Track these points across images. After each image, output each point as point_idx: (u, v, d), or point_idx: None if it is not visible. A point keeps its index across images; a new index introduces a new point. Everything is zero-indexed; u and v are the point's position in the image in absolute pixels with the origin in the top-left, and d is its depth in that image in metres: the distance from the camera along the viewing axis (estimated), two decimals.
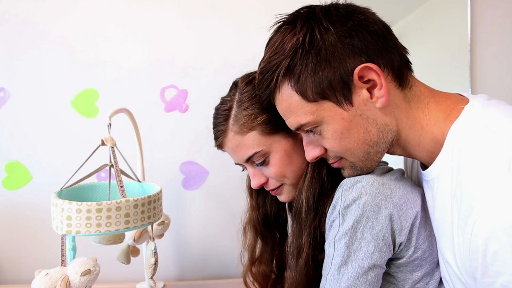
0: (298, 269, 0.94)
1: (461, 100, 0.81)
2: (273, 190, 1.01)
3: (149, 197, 0.90)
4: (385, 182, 0.83)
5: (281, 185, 1.00)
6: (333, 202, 0.85)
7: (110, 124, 0.97)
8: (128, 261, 1.12)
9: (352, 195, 0.81)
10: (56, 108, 1.49)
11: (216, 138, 1.02)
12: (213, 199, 1.53)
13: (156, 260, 0.94)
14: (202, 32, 1.51)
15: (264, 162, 0.97)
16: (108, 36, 1.49)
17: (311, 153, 0.88)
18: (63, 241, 0.86)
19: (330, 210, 0.85)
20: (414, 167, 1.00)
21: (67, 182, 0.97)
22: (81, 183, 1.02)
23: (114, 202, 0.85)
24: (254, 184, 1.00)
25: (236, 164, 1.04)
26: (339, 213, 0.82)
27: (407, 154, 0.87)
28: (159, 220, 1.08)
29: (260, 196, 1.13)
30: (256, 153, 0.95)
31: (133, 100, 1.49)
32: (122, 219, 0.86)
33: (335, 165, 0.88)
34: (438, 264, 0.87)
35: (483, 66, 1.59)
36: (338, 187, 0.85)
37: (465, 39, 1.57)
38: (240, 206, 1.21)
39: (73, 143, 1.48)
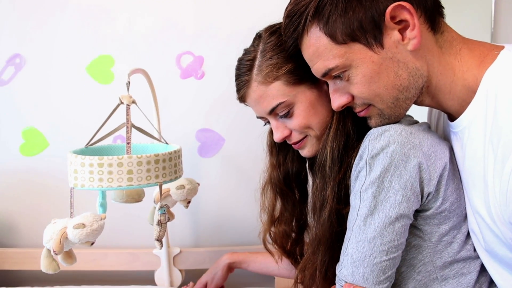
0: (321, 222, 0.91)
1: (495, 47, 0.78)
2: (296, 143, 0.98)
3: (156, 155, 0.87)
4: (413, 131, 0.79)
5: (305, 137, 0.97)
6: (360, 152, 0.82)
7: (129, 83, 0.95)
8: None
9: (379, 144, 0.78)
10: (72, 75, 1.48)
11: (238, 90, 1.00)
12: (229, 167, 1.50)
13: (160, 222, 0.91)
14: None
15: (288, 114, 0.94)
16: (124, 2, 1.46)
17: (338, 101, 0.84)
18: (71, 194, 0.87)
19: (356, 161, 0.83)
20: (440, 121, 0.96)
21: (88, 142, 0.95)
22: (103, 144, 1.01)
23: (116, 158, 0.83)
24: (277, 137, 0.97)
25: (258, 117, 1.02)
26: (366, 162, 0.79)
27: (436, 103, 0.83)
28: (178, 184, 1.04)
29: (281, 154, 1.10)
30: (280, 103, 0.92)
31: (149, 67, 1.43)
32: (124, 175, 0.84)
33: (362, 114, 0.85)
34: (465, 217, 0.84)
35: None
36: (365, 137, 0.82)
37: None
38: (256, 173, 1.18)
39: (89, 109, 1.47)
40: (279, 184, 1.09)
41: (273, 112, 0.94)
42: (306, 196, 1.13)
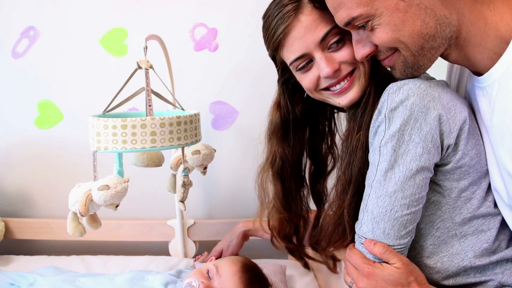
0: (353, 164, 0.90)
1: None
2: (346, 76, 0.91)
3: (178, 117, 0.88)
4: (432, 85, 0.79)
5: (355, 69, 0.91)
6: (378, 107, 0.81)
7: (146, 47, 0.95)
8: (174, 190, 1.11)
9: (398, 97, 0.77)
10: (86, 47, 1.48)
11: (279, 26, 0.90)
12: (242, 139, 1.50)
13: (185, 184, 0.92)
14: None
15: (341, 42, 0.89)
16: None
17: (361, 52, 0.83)
18: (94, 157, 0.87)
19: (374, 116, 0.82)
20: (463, 78, 0.93)
21: (106, 108, 0.95)
22: (119, 111, 1.00)
23: (139, 119, 0.83)
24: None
25: (297, 59, 0.91)
26: (385, 116, 0.79)
27: (463, 57, 0.81)
28: (194, 149, 1.04)
29: (289, 136, 1.07)
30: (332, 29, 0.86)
31: (162, 39, 1.45)
32: (147, 137, 0.84)
33: (386, 62, 0.83)
34: (485, 174, 0.84)
35: None
36: (384, 91, 0.81)
37: None
38: None
39: (103, 82, 1.48)
40: (287, 165, 1.08)
41: (324, 40, 0.87)
42: (303, 182, 1.13)
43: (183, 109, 1.04)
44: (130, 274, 1.03)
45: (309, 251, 1.23)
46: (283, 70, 1.00)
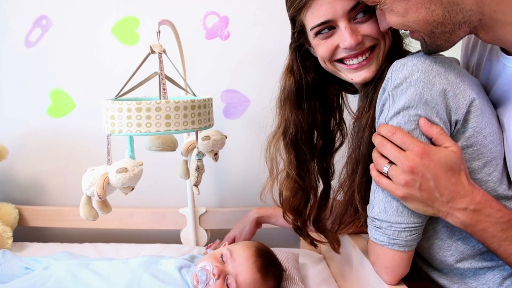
0: (362, 143, 0.89)
1: None
2: (366, 51, 0.88)
3: (192, 101, 0.88)
4: (438, 61, 0.77)
5: (375, 46, 0.89)
6: (383, 85, 0.80)
7: (159, 32, 0.95)
8: (186, 176, 1.11)
9: (402, 74, 0.76)
10: (98, 36, 1.48)
11: None
12: (254, 128, 1.49)
13: (199, 168, 0.92)
14: None
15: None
16: None
17: (382, 25, 0.82)
18: (108, 141, 0.87)
19: (379, 95, 0.81)
20: (492, 55, 0.88)
21: (119, 92, 0.95)
22: (131, 96, 1.00)
23: (154, 102, 0.83)
24: (354, 41, 0.84)
25: (320, 24, 0.86)
26: (389, 94, 0.78)
27: (492, 37, 0.77)
28: (204, 135, 1.03)
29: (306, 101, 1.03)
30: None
31: (174, 24, 1.45)
32: (162, 120, 0.84)
33: (410, 35, 0.81)
34: (500, 155, 0.81)
35: None
36: (389, 69, 0.80)
37: None
38: None
39: (115, 70, 1.48)
40: (301, 132, 1.04)
41: (354, 10, 0.84)
42: (315, 153, 1.08)
43: (194, 95, 1.04)
44: (144, 258, 1.03)
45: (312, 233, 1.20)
46: (299, 34, 0.95)
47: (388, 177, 0.78)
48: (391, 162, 0.78)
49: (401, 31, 0.92)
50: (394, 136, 0.77)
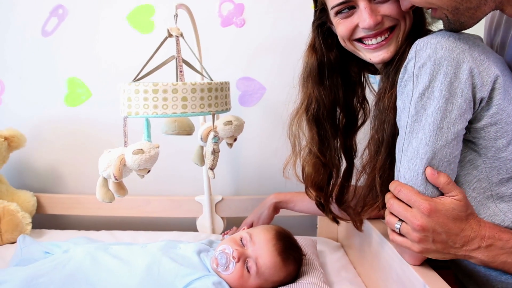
0: (386, 124, 0.88)
1: None
2: (385, 31, 0.88)
3: (209, 83, 0.87)
4: (462, 37, 0.75)
5: (395, 26, 0.88)
6: (404, 64, 0.78)
7: (176, 15, 0.95)
8: (201, 162, 1.11)
9: (426, 53, 0.75)
10: (113, 24, 1.49)
11: None
12: (269, 116, 1.49)
13: (215, 151, 0.91)
14: None
15: None
16: None
17: (404, 3, 0.81)
18: (125, 123, 0.87)
19: (401, 75, 0.79)
20: None
21: (136, 76, 0.95)
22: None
23: (171, 84, 0.83)
24: (373, 21, 0.84)
25: (341, 3, 0.87)
26: (412, 74, 0.76)
27: None
28: (226, 120, 1.03)
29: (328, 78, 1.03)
30: None
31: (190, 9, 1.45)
32: (179, 102, 0.84)
33: (433, 14, 0.80)
34: None
35: None
36: (411, 48, 0.78)
37: None
38: None
39: (131, 59, 1.48)
40: (323, 108, 1.04)
41: None
42: (338, 130, 1.08)
43: (211, 79, 1.04)
44: (162, 242, 1.03)
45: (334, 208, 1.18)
46: (321, 12, 0.97)
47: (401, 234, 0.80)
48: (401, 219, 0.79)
49: (424, 10, 0.90)
50: (400, 193, 0.78)
